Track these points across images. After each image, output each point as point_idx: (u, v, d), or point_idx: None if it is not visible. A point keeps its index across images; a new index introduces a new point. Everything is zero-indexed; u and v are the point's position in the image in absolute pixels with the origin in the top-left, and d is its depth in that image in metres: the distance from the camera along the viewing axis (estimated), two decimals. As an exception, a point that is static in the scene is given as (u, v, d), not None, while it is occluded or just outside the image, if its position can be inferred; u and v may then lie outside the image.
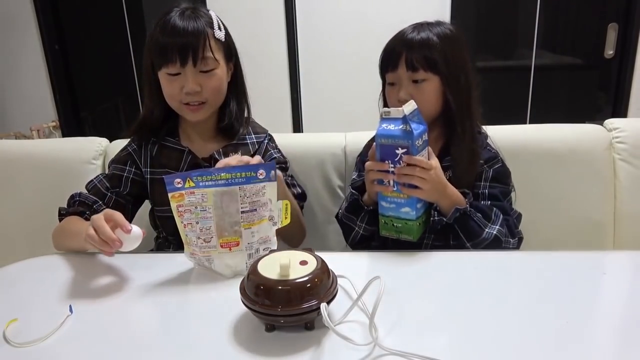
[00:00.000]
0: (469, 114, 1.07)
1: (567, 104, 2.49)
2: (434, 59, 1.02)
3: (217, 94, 1.12)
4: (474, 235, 0.99)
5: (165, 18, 1.05)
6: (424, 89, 1.04)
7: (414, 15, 1.17)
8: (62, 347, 0.73)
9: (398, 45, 1.05)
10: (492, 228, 1.00)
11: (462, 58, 1.06)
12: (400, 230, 0.99)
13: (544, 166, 1.32)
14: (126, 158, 1.18)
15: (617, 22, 2.29)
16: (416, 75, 1.03)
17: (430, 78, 1.03)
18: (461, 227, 0.99)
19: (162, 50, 1.04)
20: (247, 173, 0.88)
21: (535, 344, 0.69)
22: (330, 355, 0.68)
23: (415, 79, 1.04)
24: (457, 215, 0.98)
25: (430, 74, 1.03)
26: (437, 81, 1.04)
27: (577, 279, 0.86)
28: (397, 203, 0.98)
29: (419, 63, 1.02)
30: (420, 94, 1.03)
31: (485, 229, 0.99)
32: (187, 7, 1.08)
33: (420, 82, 1.04)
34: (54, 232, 1.09)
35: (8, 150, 1.45)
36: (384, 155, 0.95)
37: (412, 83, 1.04)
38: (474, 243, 0.99)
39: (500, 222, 1.01)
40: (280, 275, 0.72)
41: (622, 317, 0.76)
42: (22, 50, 2.55)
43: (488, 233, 0.99)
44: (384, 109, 0.94)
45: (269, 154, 1.22)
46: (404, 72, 1.04)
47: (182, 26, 1.03)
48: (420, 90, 1.04)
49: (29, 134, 2.51)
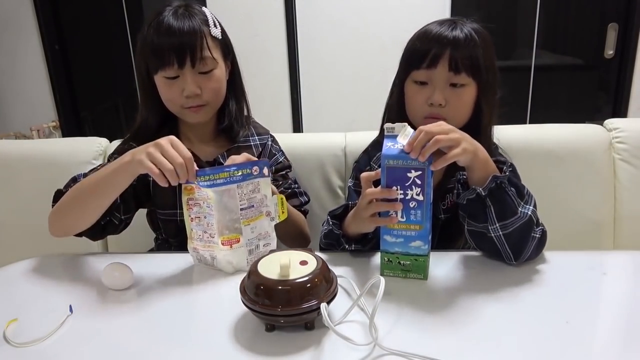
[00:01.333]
0: (491, 124, 1.01)
1: (567, 104, 2.49)
2: (478, 62, 0.94)
3: (217, 95, 1.09)
4: (508, 213, 0.85)
5: (159, 19, 1.00)
6: (462, 95, 0.96)
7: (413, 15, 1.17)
8: (62, 347, 0.73)
9: (440, 42, 0.94)
10: (526, 208, 0.87)
11: (494, 63, 0.99)
12: (408, 269, 0.87)
13: (544, 166, 1.32)
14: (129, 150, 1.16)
15: (617, 22, 2.29)
16: (457, 79, 0.95)
17: (469, 84, 0.96)
18: (495, 202, 0.85)
19: (158, 52, 1.00)
20: (243, 170, 0.89)
21: (535, 344, 0.69)
22: (330, 355, 0.68)
23: (454, 82, 0.95)
24: (493, 186, 0.84)
25: (471, 79, 0.95)
26: (475, 88, 0.96)
27: (577, 279, 0.87)
28: (406, 236, 0.84)
29: (464, 65, 0.93)
30: (457, 99, 0.96)
31: (519, 207, 0.86)
32: (180, 4, 1.04)
33: (459, 86, 0.95)
34: (57, 207, 1.01)
35: (8, 150, 1.45)
36: (391, 180, 0.81)
37: (449, 86, 0.96)
38: (504, 224, 0.85)
39: (533, 203, 0.89)
40: (281, 275, 0.72)
41: (622, 317, 0.76)
42: (22, 50, 2.55)
43: (522, 212, 0.86)
44: (387, 125, 0.82)
45: (275, 157, 1.20)
46: (445, 72, 0.94)
47: (177, 26, 0.98)
48: (457, 96, 0.95)
49: (29, 134, 2.52)
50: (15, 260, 1.03)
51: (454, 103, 0.96)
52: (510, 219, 0.85)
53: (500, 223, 0.86)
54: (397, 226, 0.84)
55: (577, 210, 1.33)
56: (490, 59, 0.98)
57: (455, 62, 0.93)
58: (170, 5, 1.04)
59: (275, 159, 1.20)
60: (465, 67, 0.94)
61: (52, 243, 1.09)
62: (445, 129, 0.80)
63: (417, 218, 0.83)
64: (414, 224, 0.83)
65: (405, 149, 0.80)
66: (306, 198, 1.22)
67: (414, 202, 0.82)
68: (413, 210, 0.83)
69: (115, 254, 1.15)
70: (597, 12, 2.34)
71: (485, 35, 0.98)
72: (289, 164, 1.23)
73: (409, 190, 0.81)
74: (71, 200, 0.99)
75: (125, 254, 1.03)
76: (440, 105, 0.96)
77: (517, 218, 0.85)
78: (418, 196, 0.82)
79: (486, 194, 0.85)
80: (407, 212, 0.83)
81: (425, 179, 0.80)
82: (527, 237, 0.88)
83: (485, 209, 0.86)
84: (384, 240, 0.87)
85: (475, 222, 0.89)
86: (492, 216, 0.86)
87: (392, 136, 0.83)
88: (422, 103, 0.98)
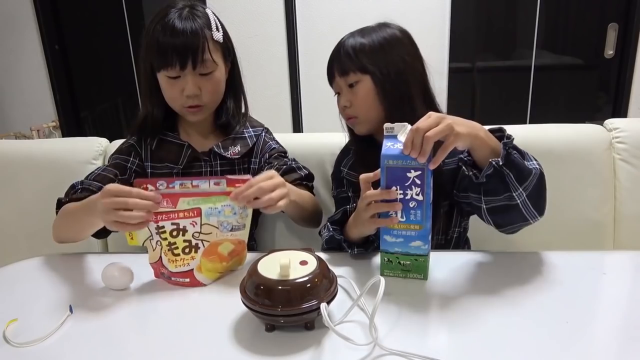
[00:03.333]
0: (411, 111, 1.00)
1: (567, 104, 2.49)
2: (359, 59, 1.01)
3: (215, 96, 1.13)
4: (525, 173, 0.85)
5: (164, 20, 1.04)
6: (358, 91, 1.03)
7: (414, 15, 1.17)
8: (62, 347, 0.73)
9: (331, 57, 1.07)
10: (532, 163, 0.88)
11: (395, 55, 1.02)
12: (408, 269, 0.87)
13: (544, 166, 1.30)
14: (129, 149, 1.18)
15: (617, 22, 2.29)
16: (349, 79, 1.03)
17: (361, 79, 1.02)
18: (511, 168, 0.84)
19: (162, 53, 1.04)
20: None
21: (535, 344, 0.69)
22: (330, 355, 0.68)
23: (350, 84, 1.04)
24: (505, 153, 0.83)
25: (360, 74, 1.02)
26: (369, 81, 1.02)
27: (577, 279, 0.86)
28: (406, 236, 0.85)
29: (347, 65, 1.02)
30: (356, 96, 1.04)
31: (529, 164, 0.86)
32: (185, 5, 1.07)
33: (355, 85, 1.03)
34: (55, 221, 1.07)
35: (8, 150, 1.45)
36: (391, 180, 0.82)
37: (349, 89, 1.04)
38: (525, 186, 0.85)
39: (531, 155, 0.90)
40: (281, 275, 0.72)
41: (622, 317, 0.76)
42: (22, 50, 2.55)
43: (534, 168, 0.87)
44: (386, 125, 0.84)
45: (268, 145, 1.23)
46: (339, 79, 1.05)
47: (181, 28, 1.02)
48: (355, 93, 1.04)
49: (29, 134, 2.51)
50: (15, 260, 1.03)
51: (356, 101, 1.04)
52: (528, 178, 0.86)
53: (522, 186, 0.85)
54: (397, 226, 0.85)
55: (577, 210, 1.33)
56: (389, 52, 1.02)
57: (340, 66, 1.04)
58: (175, 5, 1.07)
59: (268, 146, 1.23)
60: (350, 66, 1.02)
61: (52, 243, 1.09)
62: (433, 121, 0.79)
63: (417, 218, 0.83)
64: (413, 224, 0.84)
65: (403, 152, 0.80)
66: (306, 171, 1.21)
67: (414, 202, 0.82)
68: (413, 210, 0.83)
69: (115, 254, 1.15)
70: (597, 12, 2.34)
71: (385, 34, 1.04)
72: (284, 150, 1.25)
73: (409, 190, 0.82)
74: (62, 224, 1.05)
75: (125, 254, 1.03)
76: (346, 107, 1.06)
77: (533, 175, 0.86)
78: (418, 196, 0.82)
79: (503, 163, 0.83)
80: (407, 212, 0.83)
81: (425, 178, 0.80)
82: (544, 189, 0.90)
83: (504, 178, 0.85)
84: (384, 240, 0.87)
85: (496, 197, 0.88)
86: (514, 182, 0.85)
87: (391, 136, 0.83)
88: (342, 109, 1.09)
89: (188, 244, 0.88)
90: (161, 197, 0.85)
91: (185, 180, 0.86)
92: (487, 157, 0.85)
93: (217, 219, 0.88)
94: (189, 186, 0.86)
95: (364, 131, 1.08)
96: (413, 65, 1.04)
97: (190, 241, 0.88)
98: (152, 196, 0.83)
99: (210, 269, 0.90)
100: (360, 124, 1.07)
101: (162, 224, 0.86)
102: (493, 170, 0.84)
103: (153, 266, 0.90)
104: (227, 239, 0.90)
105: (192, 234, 0.87)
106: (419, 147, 0.78)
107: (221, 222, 0.88)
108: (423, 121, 0.79)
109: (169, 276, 0.90)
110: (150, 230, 0.87)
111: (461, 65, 2.40)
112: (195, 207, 0.87)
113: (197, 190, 0.87)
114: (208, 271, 0.90)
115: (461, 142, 0.81)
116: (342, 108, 1.08)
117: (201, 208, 0.87)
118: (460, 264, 0.93)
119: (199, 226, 0.87)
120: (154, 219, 0.85)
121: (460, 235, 1.12)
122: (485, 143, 0.85)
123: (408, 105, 1.02)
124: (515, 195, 0.86)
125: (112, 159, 1.18)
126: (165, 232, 0.87)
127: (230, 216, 0.88)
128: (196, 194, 0.87)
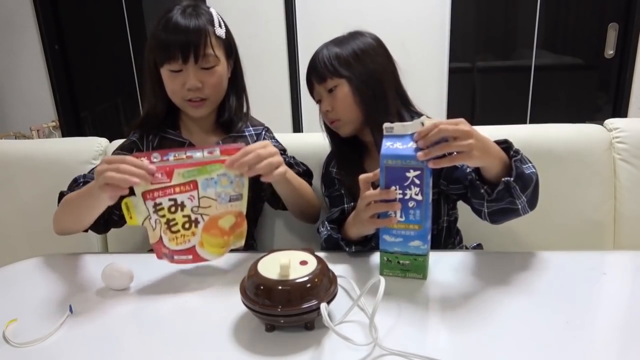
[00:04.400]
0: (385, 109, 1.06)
1: (567, 104, 2.49)
2: (334, 66, 1.06)
3: (218, 90, 1.13)
4: (528, 183, 0.88)
5: (167, 16, 1.06)
6: (337, 95, 1.07)
7: (414, 16, 1.17)
8: (62, 347, 0.73)
9: (308, 68, 1.12)
10: (530, 168, 0.90)
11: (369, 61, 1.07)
12: (407, 269, 0.87)
13: (544, 166, 1.30)
14: (131, 146, 1.19)
15: (617, 22, 2.29)
16: (327, 85, 1.08)
17: (339, 83, 1.07)
18: (518, 181, 0.86)
19: (165, 47, 1.06)
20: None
21: (535, 344, 0.69)
22: (330, 355, 0.68)
23: (329, 89, 1.08)
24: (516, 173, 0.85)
25: (337, 79, 1.06)
26: (346, 84, 1.06)
27: (577, 279, 0.86)
28: (405, 236, 0.84)
29: (324, 73, 1.07)
30: (336, 100, 1.08)
31: (529, 172, 0.89)
32: (189, 4, 1.10)
33: (334, 89, 1.07)
34: (56, 212, 1.07)
35: (8, 150, 1.45)
36: (390, 180, 0.82)
37: (329, 94, 1.09)
38: (527, 193, 0.89)
39: (527, 158, 0.92)
40: (281, 275, 0.72)
41: (622, 317, 0.76)
42: (22, 50, 2.55)
43: (533, 173, 0.90)
44: (386, 125, 0.84)
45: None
46: (318, 87, 1.10)
47: (184, 24, 1.05)
48: (335, 97, 1.08)
49: (29, 134, 2.52)
50: (15, 260, 1.03)
51: (336, 105, 1.08)
52: (530, 186, 0.89)
53: (525, 193, 0.88)
54: (396, 226, 0.84)
55: (577, 210, 1.33)
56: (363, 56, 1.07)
57: (318, 74, 1.09)
58: (180, 4, 1.09)
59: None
60: (326, 72, 1.07)
61: (52, 243, 1.09)
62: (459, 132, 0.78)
63: (416, 218, 0.83)
64: (413, 224, 0.83)
65: (415, 137, 0.80)
66: (304, 167, 1.23)
67: (413, 202, 0.82)
68: (412, 210, 0.83)
69: (115, 254, 1.15)
70: (597, 12, 2.34)
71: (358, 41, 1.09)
72: (284, 148, 1.26)
73: (408, 190, 0.82)
74: (63, 211, 1.05)
75: (125, 254, 1.03)
76: (328, 111, 1.10)
77: (533, 181, 0.89)
78: (417, 196, 0.82)
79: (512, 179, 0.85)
80: (406, 212, 0.83)
81: (424, 178, 0.80)
82: (538, 189, 0.92)
83: (510, 190, 0.87)
84: (383, 239, 0.87)
85: (499, 203, 0.90)
86: (518, 192, 0.87)
87: (390, 136, 0.83)
88: (325, 114, 1.12)
89: (187, 219, 0.88)
90: (155, 168, 0.85)
91: (179, 152, 0.87)
92: (493, 172, 0.87)
93: (215, 190, 0.88)
94: (183, 157, 0.87)
95: (348, 132, 1.12)
96: (385, 68, 1.10)
97: (189, 216, 0.88)
98: (145, 166, 0.84)
99: (213, 244, 0.90)
100: (343, 126, 1.11)
101: (160, 201, 0.86)
102: (504, 187, 0.86)
103: (154, 247, 0.90)
104: (226, 211, 0.89)
105: (190, 209, 0.87)
106: (429, 143, 0.78)
107: (219, 193, 0.88)
108: (451, 125, 0.78)
109: (171, 255, 0.90)
110: (148, 208, 0.87)
111: (461, 65, 2.40)
112: (191, 180, 0.87)
113: (191, 161, 0.87)
114: (211, 246, 0.90)
115: (471, 164, 0.83)
116: (324, 113, 1.12)
117: (197, 180, 0.87)
118: (460, 264, 0.93)
119: (197, 200, 0.87)
120: (150, 196, 0.86)
121: (450, 225, 1.13)
122: (495, 165, 0.86)
123: (382, 103, 1.07)
124: (517, 202, 0.88)
125: (115, 154, 1.19)
126: (164, 209, 0.87)
127: (227, 186, 0.88)
128: (191, 164, 0.87)
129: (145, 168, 0.84)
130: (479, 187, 0.89)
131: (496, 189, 0.87)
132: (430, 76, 2.32)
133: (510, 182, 0.85)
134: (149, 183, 0.85)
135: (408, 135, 0.82)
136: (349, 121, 1.09)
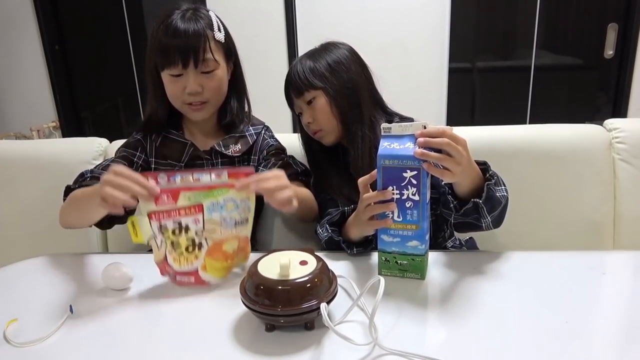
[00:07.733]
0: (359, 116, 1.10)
1: (567, 104, 2.49)
2: (309, 79, 1.09)
3: (218, 94, 1.14)
4: (496, 205, 0.92)
5: (167, 20, 1.06)
6: (316, 106, 1.10)
7: (413, 16, 1.17)
8: (62, 347, 0.73)
9: (285, 83, 1.15)
10: (502, 190, 0.94)
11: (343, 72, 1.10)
12: (405, 269, 0.87)
13: (544, 166, 1.32)
14: (136, 144, 1.19)
15: (617, 22, 2.29)
16: (306, 97, 1.11)
17: (316, 94, 1.10)
18: (487, 202, 0.90)
19: (165, 52, 1.06)
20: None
21: (535, 344, 0.69)
22: (330, 355, 0.68)
23: (308, 101, 1.11)
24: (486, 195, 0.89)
25: (313, 90, 1.10)
26: (322, 95, 1.09)
27: (577, 279, 0.87)
28: (403, 236, 0.85)
29: (301, 86, 1.10)
30: (315, 111, 1.11)
31: (499, 194, 0.92)
32: (188, 8, 1.10)
33: (313, 101, 1.11)
34: (62, 207, 1.07)
35: (8, 150, 1.45)
36: (387, 180, 0.83)
37: (308, 106, 1.12)
38: (493, 214, 0.93)
39: (502, 181, 0.96)
40: (281, 275, 0.72)
41: (622, 317, 0.76)
42: (22, 50, 2.55)
43: (503, 197, 0.93)
44: (383, 125, 0.85)
45: (266, 142, 1.24)
46: (297, 100, 1.13)
47: (183, 29, 1.05)
48: (314, 109, 1.11)
49: (29, 134, 2.52)
50: (15, 260, 1.03)
51: (316, 115, 1.11)
52: (498, 209, 0.93)
53: (491, 215, 0.93)
54: (394, 226, 0.85)
55: (577, 210, 1.33)
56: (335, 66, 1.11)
57: (296, 88, 1.12)
58: (179, 7, 1.09)
59: (267, 143, 1.24)
60: (303, 85, 1.10)
61: (52, 243, 1.09)
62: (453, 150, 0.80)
63: (413, 218, 0.83)
64: (410, 224, 0.84)
65: (416, 134, 0.81)
66: (302, 167, 1.23)
67: (410, 202, 0.83)
68: (409, 210, 0.83)
69: (115, 254, 1.15)
70: (597, 12, 2.34)
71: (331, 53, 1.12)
72: (283, 147, 1.26)
73: (405, 190, 0.82)
74: (69, 208, 1.05)
75: (125, 254, 1.03)
76: (310, 123, 1.12)
77: (501, 205, 0.94)
78: (414, 196, 0.82)
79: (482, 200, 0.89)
80: (404, 212, 0.83)
81: (421, 179, 0.81)
82: (505, 211, 0.97)
83: (478, 209, 0.91)
84: (381, 239, 0.88)
85: (465, 217, 0.95)
86: (485, 213, 0.92)
87: (388, 136, 0.84)
88: (307, 126, 1.15)
89: (191, 242, 0.88)
90: (159, 191, 0.84)
91: (186, 174, 0.86)
92: (466, 190, 0.91)
93: (220, 214, 0.87)
94: (190, 180, 0.86)
95: (331, 141, 1.15)
96: (360, 76, 1.13)
97: (193, 239, 0.88)
98: (150, 187, 0.83)
99: (215, 268, 0.89)
100: (326, 136, 1.14)
101: (165, 223, 0.86)
102: (472, 205, 0.90)
103: (159, 265, 0.90)
104: (231, 235, 0.89)
105: (195, 232, 0.87)
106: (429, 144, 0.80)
107: (224, 217, 0.88)
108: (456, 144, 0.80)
109: (174, 275, 0.90)
110: (153, 229, 0.87)
111: (461, 65, 2.40)
112: (197, 204, 0.86)
113: (199, 184, 0.86)
114: (213, 270, 0.89)
115: (448, 180, 0.85)
116: (306, 125, 1.14)
117: (203, 204, 0.87)
118: (459, 263, 0.94)
119: (202, 223, 0.87)
120: (155, 217, 0.85)
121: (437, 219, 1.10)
122: (468, 185, 0.90)
123: (356, 111, 1.10)
124: (482, 221, 0.93)
125: (120, 152, 1.19)
126: (168, 231, 0.87)
127: (232, 210, 0.88)
128: (197, 187, 0.86)
129: (149, 188, 0.83)
130: (449, 202, 0.94)
131: (465, 207, 0.91)
132: (430, 76, 2.32)
133: (479, 203, 0.89)
134: (152, 202, 0.85)
135: (406, 136, 0.82)
136: (331, 130, 1.12)
